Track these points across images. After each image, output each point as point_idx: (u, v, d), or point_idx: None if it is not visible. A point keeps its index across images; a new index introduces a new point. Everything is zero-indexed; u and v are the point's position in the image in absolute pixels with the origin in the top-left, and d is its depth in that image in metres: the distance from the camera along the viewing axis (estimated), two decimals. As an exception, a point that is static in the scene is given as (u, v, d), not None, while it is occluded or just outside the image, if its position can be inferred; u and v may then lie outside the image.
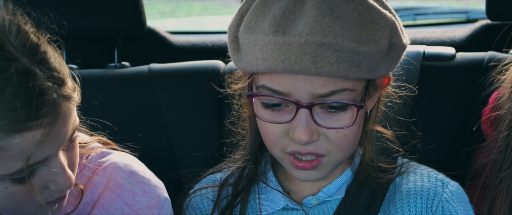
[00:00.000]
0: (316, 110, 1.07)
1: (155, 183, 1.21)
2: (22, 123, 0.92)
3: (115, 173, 1.18)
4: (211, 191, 1.30)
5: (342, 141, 1.10)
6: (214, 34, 2.33)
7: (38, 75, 0.94)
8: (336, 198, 1.21)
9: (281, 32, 1.01)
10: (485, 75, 1.43)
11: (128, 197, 1.17)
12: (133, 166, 1.21)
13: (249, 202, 1.26)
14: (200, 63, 1.72)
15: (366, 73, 1.04)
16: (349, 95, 1.06)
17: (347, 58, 1.01)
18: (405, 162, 1.26)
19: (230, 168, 1.32)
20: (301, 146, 1.09)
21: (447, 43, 2.06)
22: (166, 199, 1.21)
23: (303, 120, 1.06)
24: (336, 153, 1.12)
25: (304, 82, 1.04)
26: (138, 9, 1.78)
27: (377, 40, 1.03)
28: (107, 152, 1.23)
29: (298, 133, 1.07)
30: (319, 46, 1.00)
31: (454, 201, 1.20)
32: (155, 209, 1.18)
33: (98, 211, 1.16)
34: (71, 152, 1.05)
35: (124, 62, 1.85)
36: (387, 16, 1.06)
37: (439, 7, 2.67)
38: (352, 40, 1.00)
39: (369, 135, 1.22)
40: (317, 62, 1.00)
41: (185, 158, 1.65)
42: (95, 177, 1.18)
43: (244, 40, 1.07)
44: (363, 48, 1.01)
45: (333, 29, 1.00)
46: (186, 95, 1.67)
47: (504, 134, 1.26)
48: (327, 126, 1.08)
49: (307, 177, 1.15)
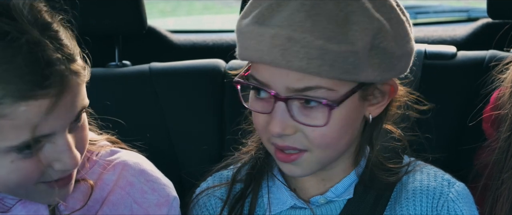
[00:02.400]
0: (295, 104, 1.08)
1: (164, 182, 1.22)
2: (28, 90, 0.93)
3: (125, 171, 1.19)
4: (218, 189, 1.30)
5: (320, 140, 1.09)
6: (215, 33, 2.34)
7: (48, 46, 0.96)
8: (344, 198, 1.21)
9: (259, 23, 1.04)
10: (486, 74, 1.42)
11: (137, 195, 1.18)
12: (143, 164, 1.22)
13: (257, 200, 1.26)
14: (201, 62, 1.72)
15: (344, 74, 1.03)
16: (326, 94, 1.06)
17: (317, 55, 1.01)
18: (412, 160, 1.26)
19: (237, 165, 1.31)
20: (278, 139, 1.10)
21: (448, 41, 2.06)
22: (175, 198, 1.22)
23: (278, 112, 1.08)
24: (317, 151, 1.11)
25: (280, 75, 1.05)
26: (138, 8, 1.78)
27: (352, 41, 1.02)
28: (116, 150, 1.23)
29: (272, 125, 1.08)
30: (287, 40, 1.01)
31: (460, 201, 1.20)
32: (164, 208, 1.19)
33: (107, 208, 1.17)
34: (79, 134, 1.05)
35: (125, 61, 1.85)
36: (375, 19, 1.04)
37: (440, 6, 2.67)
38: (321, 37, 1.01)
39: (376, 136, 1.20)
40: (286, 56, 1.02)
41: (186, 157, 1.65)
42: (105, 174, 1.18)
43: (237, 27, 1.10)
44: (333, 47, 1.01)
45: (303, 24, 1.01)
46: (187, 94, 1.67)
47: (505, 135, 1.26)
48: (302, 121, 1.08)
49: (290, 171, 1.16)
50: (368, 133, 1.19)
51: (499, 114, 1.30)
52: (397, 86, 1.16)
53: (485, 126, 1.37)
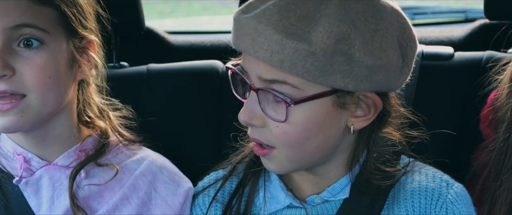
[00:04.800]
0: (267, 97, 1.10)
1: (182, 176, 1.34)
2: None
3: (150, 162, 1.31)
4: (214, 188, 1.30)
5: (283, 137, 1.11)
6: (212, 34, 2.34)
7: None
8: (340, 198, 1.21)
9: (242, 12, 1.09)
10: (483, 74, 1.43)
11: (159, 184, 1.29)
12: (164, 160, 1.36)
13: (253, 199, 1.26)
14: (198, 63, 1.72)
15: (306, 74, 1.04)
16: (290, 90, 1.07)
17: (277, 49, 1.04)
18: (410, 161, 1.26)
19: (233, 164, 1.32)
20: (250, 130, 1.15)
21: (446, 42, 2.06)
22: (191, 188, 1.32)
23: (249, 101, 1.12)
24: (283, 148, 1.13)
25: (254, 64, 1.09)
26: (136, 9, 1.78)
27: (311, 40, 1.02)
28: (144, 148, 1.36)
29: (240, 112, 1.13)
30: (254, 30, 1.05)
31: (458, 203, 1.20)
32: (181, 197, 1.29)
33: (128, 190, 1.27)
34: (32, 61, 1.12)
35: (123, 62, 1.85)
36: (345, 24, 1.03)
37: (438, 6, 2.67)
38: (281, 32, 1.03)
39: (373, 142, 1.19)
40: (253, 46, 1.06)
41: (184, 157, 1.65)
42: (129, 162, 1.29)
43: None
44: (290, 43, 1.03)
45: (270, 17, 1.04)
46: (184, 95, 1.67)
47: (503, 136, 1.26)
48: (267, 113, 1.10)
49: (266, 165, 1.19)
50: (363, 139, 1.18)
51: (496, 115, 1.31)
52: (379, 101, 1.12)
53: (483, 126, 1.37)
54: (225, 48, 1.17)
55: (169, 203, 1.28)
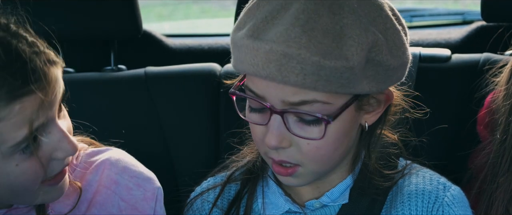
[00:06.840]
0: (291, 117, 1.07)
1: (148, 175, 1.23)
2: (19, 89, 0.96)
3: (108, 169, 1.21)
4: (212, 193, 1.30)
5: (314, 153, 1.09)
6: (210, 37, 2.34)
7: (21, 43, 0.99)
8: (339, 203, 1.21)
9: (253, 37, 1.02)
10: (480, 77, 1.43)
11: (124, 192, 1.20)
12: (124, 160, 1.23)
13: (252, 204, 1.26)
14: (196, 66, 1.73)
15: (340, 87, 1.02)
16: (322, 107, 1.04)
17: (312, 71, 0.99)
18: (408, 163, 1.26)
19: (232, 169, 1.31)
20: (274, 152, 1.10)
21: (443, 44, 2.06)
22: (159, 188, 1.23)
23: (274, 125, 1.07)
24: (310, 164, 1.11)
25: (275, 89, 1.04)
26: (134, 13, 1.78)
27: (347, 56, 1.00)
28: (95, 151, 1.24)
29: (268, 138, 1.08)
30: (282, 56, 0.99)
31: (455, 205, 1.20)
32: (151, 201, 1.21)
33: (95, 209, 1.18)
34: (65, 121, 1.08)
35: (121, 66, 1.85)
36: (370, 33, 1.03)
37: (435, 9, 2.67)
38: (317, 53, 0.99)
39: (374, 143, 1.20)
40: (282, 71, 1.00)
41: (182, 161, 1.66)
42: (88, 176, 1.19)
43: (231, 39, 1.09)
44: (329, 63, 0.99)
45: (299, 40, 0.99)
46: (182, 98, 1.67)
47: (500, 139, 1.26)
48: (298, 134, 1.07)
49: (287, 182, 1.16)
50: (366, 139, 1.19)
51: (493, 117, 1.31)
52: (392, 94, 1.15)
53: (479, 128, 1.37)
54: (223, 51, 1.17)
55: (140, 210, 1.21)
